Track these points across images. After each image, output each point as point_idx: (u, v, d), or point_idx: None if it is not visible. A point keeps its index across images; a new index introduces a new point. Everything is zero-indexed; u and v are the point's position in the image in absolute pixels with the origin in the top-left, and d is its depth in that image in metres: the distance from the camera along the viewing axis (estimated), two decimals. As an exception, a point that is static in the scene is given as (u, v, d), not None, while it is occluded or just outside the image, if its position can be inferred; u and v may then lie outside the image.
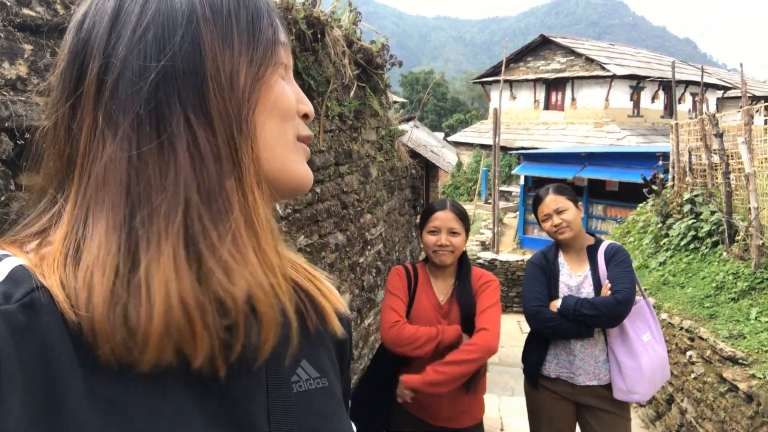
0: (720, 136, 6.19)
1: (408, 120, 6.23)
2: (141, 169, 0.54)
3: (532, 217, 16.08)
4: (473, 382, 2.48)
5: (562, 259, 2.90)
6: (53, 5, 1.38)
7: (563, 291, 2.81)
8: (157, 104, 0.55)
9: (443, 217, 2.55)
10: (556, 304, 2.75)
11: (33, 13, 1.31)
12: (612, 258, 2.80)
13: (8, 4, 1.24)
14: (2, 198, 1.24)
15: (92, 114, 0.55)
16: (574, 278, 2.83)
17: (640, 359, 2.67)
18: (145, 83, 0.55)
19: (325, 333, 0.75)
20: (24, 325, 0.48)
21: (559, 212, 2.82)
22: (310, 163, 2.90)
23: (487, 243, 14.64)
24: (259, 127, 0.61)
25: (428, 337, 2.40)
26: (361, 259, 3.67)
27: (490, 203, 17.14)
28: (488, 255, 12.20)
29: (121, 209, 0.53)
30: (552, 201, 2.83)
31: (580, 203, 2.90)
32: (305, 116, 0.68)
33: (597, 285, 2.77)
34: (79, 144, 0.56)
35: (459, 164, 22.55)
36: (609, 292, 2.69)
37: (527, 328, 3.00)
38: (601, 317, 2.65)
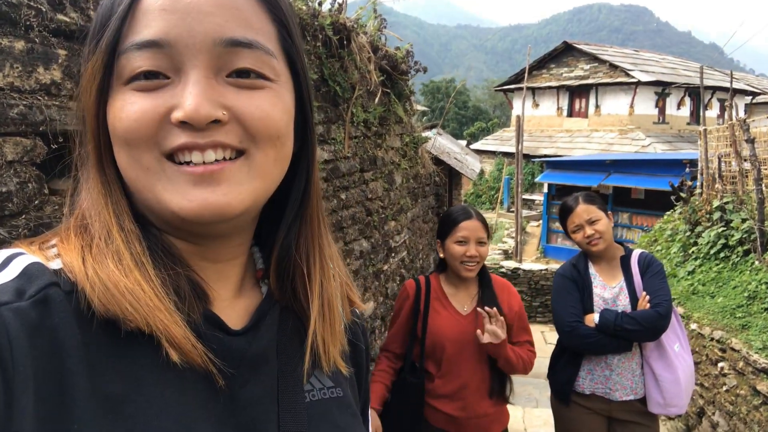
0: (751, 141, 6.06)
1: (431, 128, 6.21)
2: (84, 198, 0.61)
3: (555, 225, 15.91)
4: (497, 390, 2.47)
5: (593, 270, 2.80)
6: (87, 11, 1.39)
7: (598, 304, 2.72)
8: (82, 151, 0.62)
9: (472, 227, 2.46)
10: (593, 319, 2.66)
11: (67, 19, 1.33)
12: (647, 268, 2.71)
13: (43, 9, 1.26)
14: (36, 201, 1.24)
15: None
16: (609, 290, 2.74)
17: (677, 371, 2.58)
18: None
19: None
20: (36, 322, 0.48)
21: (591, 222, 2.71)
22: (335, 170, 2.86)
23: (509, 252, 14.50)
24: (117, 157, 0.59)
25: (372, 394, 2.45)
26: (386, 267, 3.65)
27: (512, 212, 17.01)
28: (511, 264, 12.09)
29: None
30: (584, 211, 2.72)
31: (610, 213, 2.80)
32: (183, 123, 0.55)
33: (633, 297, 2.68)
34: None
35: (481, 172, 22.42)
36: (647, 305, 2.61)
37: (551, 339, 2.94)
38: (643, 332, 2.57)
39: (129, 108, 0.55)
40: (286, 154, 0.64)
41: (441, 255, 2.55)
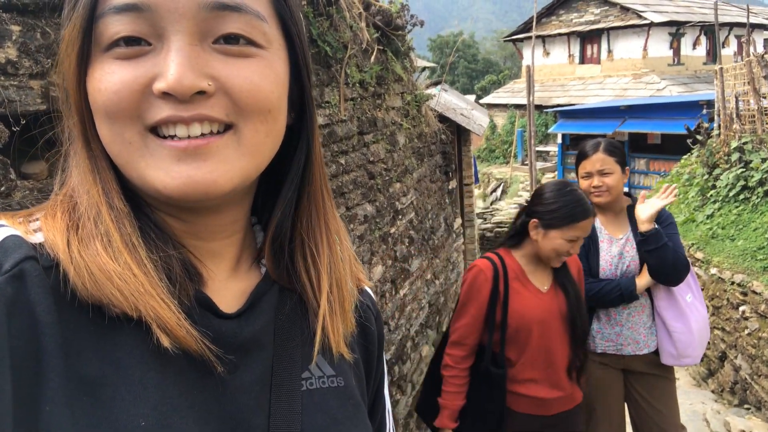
0: (769, 77, 5.83)
1: (435, 84, 6.06)
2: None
3: (571, 176, 15.69)
4: (576, 366, 2.34)
5: (598, 223, 2.70)
6: (41, -17, 1.31)
7: (605, 259, 2.64)
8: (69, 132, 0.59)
9: (587, 226, 2.20)
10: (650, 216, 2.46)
11: (19, -8, 1.25)
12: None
13: (-10, -17, 1.18)
14: (2, 188, 1.19)
15: None
16: (615, 243, 2.65)
17: (689, 321, 2.52)
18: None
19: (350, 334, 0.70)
20: (13, 298, 0.46)
21: (602, 174, 2.58)
22: (331, 134, 2.77)
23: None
24: (99, 131, 0.54)
25: (450, 411, 2.27)
26: (392, 230, 3.60)
27: (526, 165, 16.77)
28: (527, 217, 11.97)
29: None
30: (598, 160, 2.58)
31: (627, 168, 2.68)
32: (166, 94, 0.51)
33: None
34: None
35: (493, 127, 22.08)
36: None
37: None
38: (668, 267, 2.45)
39: (108, 78, 0.51)
40: (279, 128, 0.60)
41: (534, 237, 2.22)
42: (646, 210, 2.47)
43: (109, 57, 0.52)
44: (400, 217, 3.74)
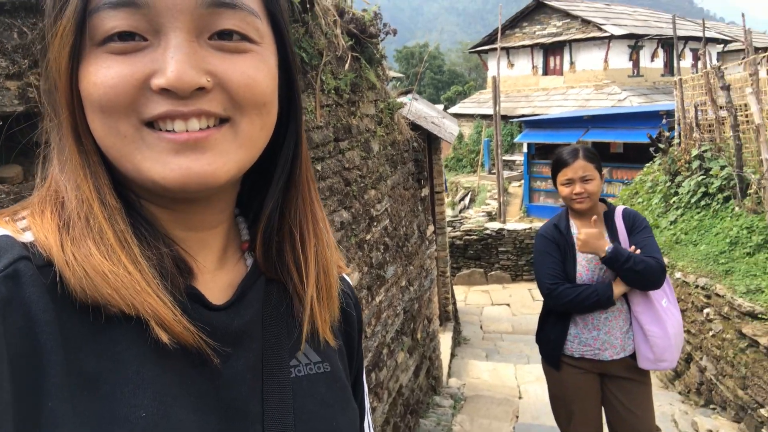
0: (727, 88, 6.06)
1: (406, 93, 6.09)
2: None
3: (537, 184, 15.97)
4: None
5: (575, 229, 2.73)
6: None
7: (581, 263, 2.67)
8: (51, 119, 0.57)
9: None
10: (604, 249, 2.52)
11: (-5, -10, 1.21)
12: (633, 224, 2.66)
13: (-33, -20, 1.14)
14: (-21, 192, 1.15)
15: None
16: None
17: (665, 326, 2.56)
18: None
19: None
20: (7, 298, 0.47)
21: (584, 180, 2.62)
22: (308, 140, 2.74)
23: (493, 213, 14.55)
24: (91, 125, 0.54)
25: None
26: (368, 236, 3.59)
27: (494, 173, 17.00)
28: (495, 225, 12.14)
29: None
30: (580, 167, 2.61)
31: (603, 172, 2.72)
32: (164, 90, 0.51)
33: None
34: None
35: (460, 136, 22.33)
36: None
37: (539, 296, 2.89)
38: (643, 279, 2.50)
39: (104, 73, 0.51)
40: (272, 120, 0.62)
41: None
42: (584, 245, 2.55)
43: (103, 51, 0.52)
44: (375, 223, 3.74)
